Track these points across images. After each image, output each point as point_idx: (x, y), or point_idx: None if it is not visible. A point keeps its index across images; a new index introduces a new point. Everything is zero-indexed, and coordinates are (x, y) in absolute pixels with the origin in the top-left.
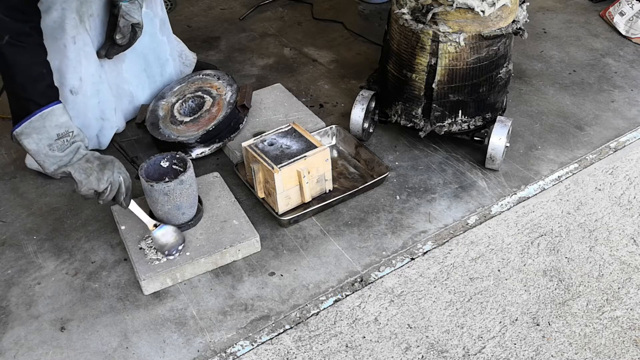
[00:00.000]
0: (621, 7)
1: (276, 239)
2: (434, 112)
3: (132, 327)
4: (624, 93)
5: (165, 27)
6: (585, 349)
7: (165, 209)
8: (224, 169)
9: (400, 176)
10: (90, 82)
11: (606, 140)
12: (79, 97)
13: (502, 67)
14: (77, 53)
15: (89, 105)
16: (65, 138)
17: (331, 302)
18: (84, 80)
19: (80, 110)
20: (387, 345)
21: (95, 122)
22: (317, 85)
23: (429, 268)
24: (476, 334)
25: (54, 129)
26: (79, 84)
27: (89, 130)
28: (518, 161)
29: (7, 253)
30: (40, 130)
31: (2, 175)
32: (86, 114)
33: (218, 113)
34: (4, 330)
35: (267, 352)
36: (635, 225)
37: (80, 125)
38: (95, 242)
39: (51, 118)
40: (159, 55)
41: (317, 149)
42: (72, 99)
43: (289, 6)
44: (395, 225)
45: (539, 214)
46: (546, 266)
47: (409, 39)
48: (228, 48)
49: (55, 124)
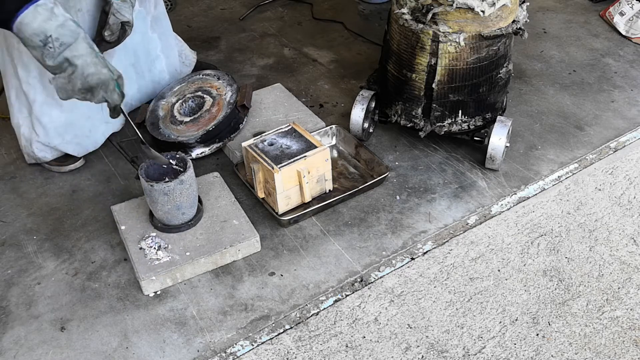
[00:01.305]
0: (621, 7)
1: (276, 239)
2: (434, 112)
3: (132, 327)
4: (624, 93)
5: (158, 24)
6: (585, 349)
7: (165, 209)
8: (224, 169)
9: (400, 176)
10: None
11: (606, 140)
12: None
13: (502, 67)
14: None
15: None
16: (48, 45)
17: (331, 302)
18: None
19: (64, 103)
20: (387, 345)
21: (84, 121)
22: (317, 85)
23: (429, 268)
24: (476, 334)
25: (34, 37)
26: None
27: (76, 129)
28: (518, 161)
29: (7, 253)
30: (26, 41)
31: (2, 175)
32: (73, 110)
33: (218, 113)
34: (4, 330)
35: (267, 352)
36: (635, 225)
37: (66, 122)
38: (95, 242)
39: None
40: (149, 51)
41: (317, 149)
42: (52, 88)
43: (289, 6)
44: (395, 225)
45: (539, 214)
46: (546, 266)
47: (409, 39)
48: (228, 48)
49: (32, 32)
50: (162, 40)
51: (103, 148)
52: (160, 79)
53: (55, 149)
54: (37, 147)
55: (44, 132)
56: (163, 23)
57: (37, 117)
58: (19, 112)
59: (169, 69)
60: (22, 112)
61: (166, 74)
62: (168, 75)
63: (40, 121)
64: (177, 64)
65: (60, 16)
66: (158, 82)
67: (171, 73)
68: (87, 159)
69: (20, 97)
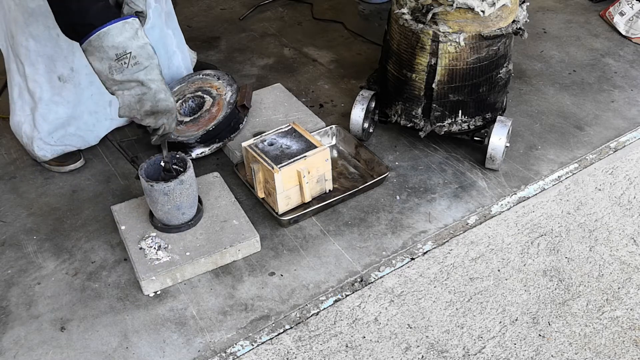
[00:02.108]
0: (621, 7)
1: (276, 239)
2: (434, 112)
3: (132, 327)
4: (624, 93)
5: (170, 20)
6: (585, 349)
7: (165, 209)
8: (224, 169)
9: (400, 176)
10: (84, 73)
11: (606, 140)
12: (67, 85)
13: (502, 67)
14: (70, 43)
15: (83, 97)
16: (123, 60)
17: (331, 302)
18: (76, 71)
19: (70, 100)
20: (387, 345)
21: (88, 116)
22: (317, 85)
23: (429, 268)
24: (476, 334)
25: (111, 49)
26: (69, 74)
27: (80, 122)
28: (518, 161)
29: (7, 253)
30: (99, 51)
31: (2, 175)
32: (78, 105)
33: (218, 113)
34: (4, 330)
35: (267, 352)
36: (635, 225)
37: (70, 115)
38: (95, 242)
39: (107, 39)
40: (167, 48)
41: (317, 149)
42: (59, 86)
43: (289, 6)
44: (395, 225)
45: (539, 214)
46: (546, 266)
47: (409, 39)
48: (228, 48)
49: (112, 45)
50: (177, 35)
51: (103, 148)
52: (178, 75)
53: (55, 144)
54: (37, 145)
55: (47, 128)
56: (174, 19)
57: (42, 115)
58: (22, 110)
59: (185, 64)
60: (25, 110)
61: (183, 69)
62: (185, 71)
63: (46, 118)
64: (189, 59)
65: (142, 38)
66: (177, 78)
67: (187, 68)
68: (87, 159)
69: (23, 95)
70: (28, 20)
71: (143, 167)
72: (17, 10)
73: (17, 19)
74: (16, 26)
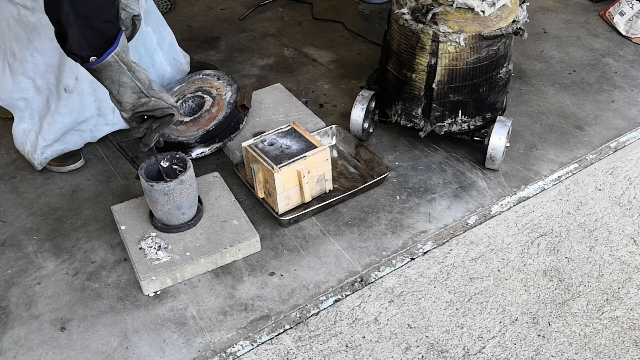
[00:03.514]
0: (621, 7)
1: (276, 239)
2: (434, 112)
3: (132, 327)
4: (624, 93)
5: (150, 17)
6: (585, 349)
7: (165, 209)
8: (224, 169)
9: (400, 176)
10: (87, 80)
11: (606, 140)
12: (73, 95)
13: (502, 67)
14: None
15: (86, 103)
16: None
17: (331, 302)
18: (80, 80)
19: (75, 108)
20: (387, 345)
21: (91, 119)
22: (317, 85)
23: (429, 268)
24: (476, 334)
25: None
26: (74, 83)
27: (83, 126)
28: (518, 161)
29: (7, 253)
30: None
31: (2, 175)
32: (82, 112)
33: (218, 113)
34: (4, 330)
35: (267, 352)
36: (635, 225)
37: (74, 121)
38: (95, 242)
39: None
40: (147, 45)
41: (317, 149)
42: (66, 97)
43: (289, 6)
44: (395, 225)
45: (539, 214)
46: (546, 266)
47: (409, 39)
48: (228, 48)
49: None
50: (156, 32)
51: (103, 148)
52: (162, 72)
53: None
54: (40, 150)
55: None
56: (154, 16)
57: (49, 123)
58: (30, 119)
59: (167, 60)
60: (34, 119)
61: (166, 65)
62: (169, 67)
63: (52, 127)
64: (173, 54)
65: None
66: (162, 75)
67: (171, 64)
68: (87, 159)
69: (31, 104)
70: (31, 35)
71: (143, 167)
72: (18, 26)
73: (19, 36)
74: (18, 43)
